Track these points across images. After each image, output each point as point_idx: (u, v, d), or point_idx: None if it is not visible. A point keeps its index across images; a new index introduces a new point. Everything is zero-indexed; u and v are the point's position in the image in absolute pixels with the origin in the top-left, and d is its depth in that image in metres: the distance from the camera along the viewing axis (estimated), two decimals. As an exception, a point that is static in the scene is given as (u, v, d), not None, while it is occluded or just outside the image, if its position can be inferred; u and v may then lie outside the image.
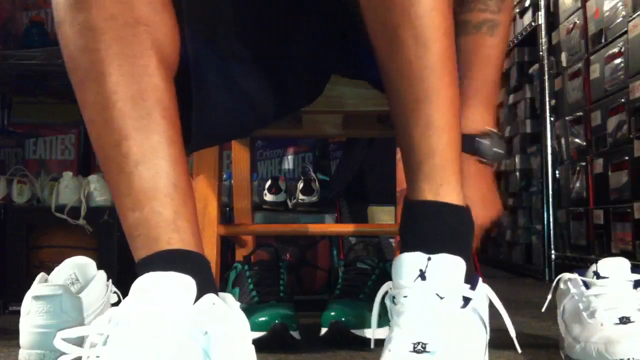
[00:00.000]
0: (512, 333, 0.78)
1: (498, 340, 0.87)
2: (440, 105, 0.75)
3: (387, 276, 1.43)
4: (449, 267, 0.73)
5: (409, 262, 0.74)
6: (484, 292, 0.77)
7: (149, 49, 0.75)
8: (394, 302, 0.75)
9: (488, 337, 0.77)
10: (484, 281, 0.77)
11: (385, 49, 0.76)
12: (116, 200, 0.74)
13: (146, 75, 0.74)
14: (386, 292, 0.78)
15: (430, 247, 0.73)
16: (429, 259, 0.73)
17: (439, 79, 0.75)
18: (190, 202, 0.74)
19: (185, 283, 0.67)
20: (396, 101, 0.77)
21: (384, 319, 0.79)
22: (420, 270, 0.72)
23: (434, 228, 0.75)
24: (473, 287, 0.74)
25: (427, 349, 0.69)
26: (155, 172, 0.72)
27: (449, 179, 0.76)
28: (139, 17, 0.75)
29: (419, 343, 0.70)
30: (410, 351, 0.69)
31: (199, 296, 0.67)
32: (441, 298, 0.72)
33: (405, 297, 0.73)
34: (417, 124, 0.75)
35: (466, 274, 0.74)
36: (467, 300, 0.74)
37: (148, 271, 0.67)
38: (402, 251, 0.75)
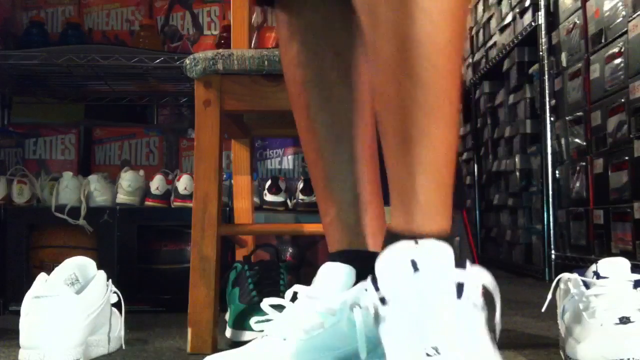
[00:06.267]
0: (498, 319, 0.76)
1: (498, 340, 0.87)
2: (431, 147, 0.73)
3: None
4: (439, 252, 0.71)
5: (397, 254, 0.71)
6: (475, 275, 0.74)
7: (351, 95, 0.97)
8: (383, 303, 0.71)
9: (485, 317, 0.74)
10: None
11: (379, 85, 0.75)
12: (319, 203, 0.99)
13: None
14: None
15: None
16: (416, 242, 0.70)
17: (432, 122, 0.73)
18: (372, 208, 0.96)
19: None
20: (385, 137, 0.76)
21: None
22: (412, 261, 0.69)
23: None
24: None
25: (439, 352, 0.66)
26: (344, 185, 0.96)
27: (430, 221, 0.74)
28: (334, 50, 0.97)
29: (434, 347, 0.66)
30: (428, 355, 0.66)
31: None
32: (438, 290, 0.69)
33: (399, 296, 0.69)
34: (404, 163, 0.74)
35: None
36: (460, 288, 0.71)
37: (346, 261, 0.89)
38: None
